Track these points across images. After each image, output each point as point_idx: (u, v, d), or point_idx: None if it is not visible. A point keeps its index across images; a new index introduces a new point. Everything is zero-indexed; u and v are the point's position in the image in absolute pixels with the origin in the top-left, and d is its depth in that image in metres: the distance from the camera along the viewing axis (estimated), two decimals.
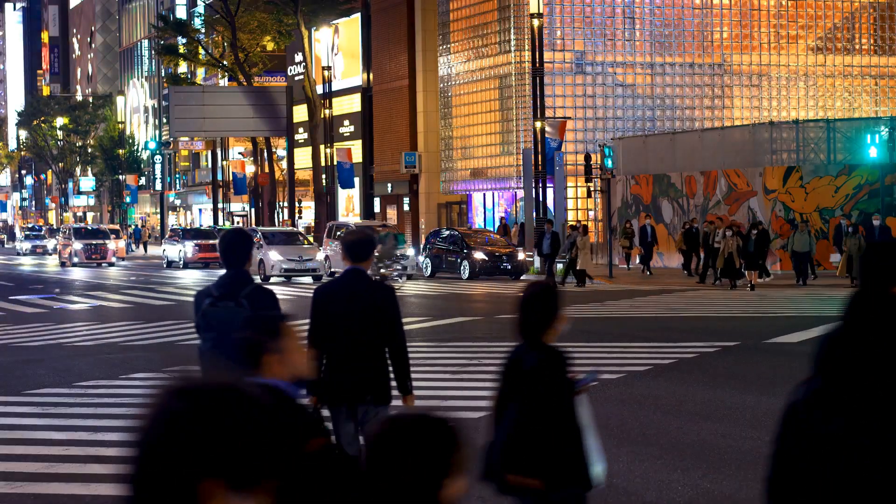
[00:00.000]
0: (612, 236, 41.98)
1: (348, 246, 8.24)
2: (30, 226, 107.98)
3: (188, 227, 67.46)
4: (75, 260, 56.09)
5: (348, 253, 8.21)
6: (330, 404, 8.28)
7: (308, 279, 41.09)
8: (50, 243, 73.36)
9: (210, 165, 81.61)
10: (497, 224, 52.40)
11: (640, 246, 41.79)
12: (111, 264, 56.41)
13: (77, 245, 56.29)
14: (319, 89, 57.74)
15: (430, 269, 41.70)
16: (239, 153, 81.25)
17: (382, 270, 35.43)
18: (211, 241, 52.22)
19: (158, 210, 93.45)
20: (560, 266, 37.29)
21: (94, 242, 57.00)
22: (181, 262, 51.76)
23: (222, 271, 8.20)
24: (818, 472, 3.43)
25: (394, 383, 8.27)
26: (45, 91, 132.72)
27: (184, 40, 70.39)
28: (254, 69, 65.48)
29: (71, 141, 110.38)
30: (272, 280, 40.26)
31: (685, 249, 38.35)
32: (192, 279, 42.73)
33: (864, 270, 4.83)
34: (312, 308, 8.27)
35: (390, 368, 8.27)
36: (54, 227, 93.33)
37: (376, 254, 9.99)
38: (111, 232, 61.96)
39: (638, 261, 42.05)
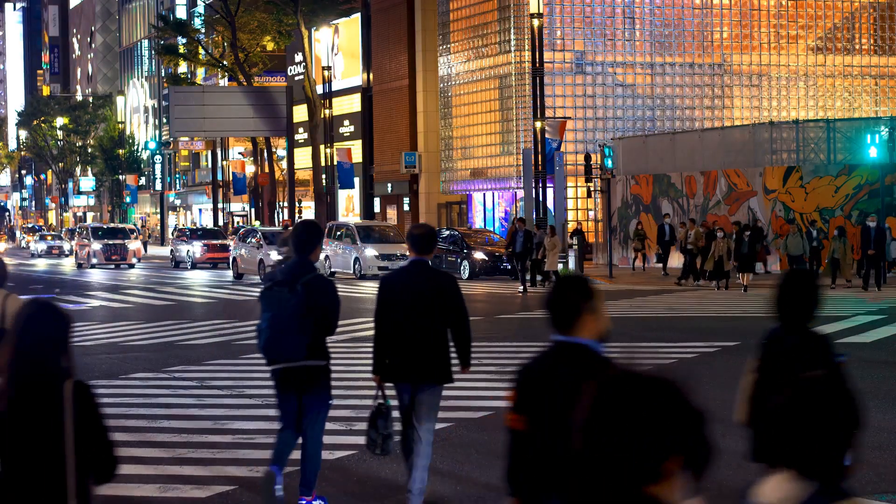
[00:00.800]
0: (612, 236, 41.96)
1: (414, 239, 9.01)
2: (30, 225, 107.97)
3: (196, 227, 67.36)
4: (94, 261, 53.25)
5: (413, 245, 8.98)
6: (395, 382, 8.98)
7: None
8: (67, 244, 70.68)
9: (210, 165, 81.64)
10: (498, 224, 52.44)
11: (658, 244, 40.88)
12: (131, 266, 53.68)
13: (96, 245, 53.25)
14: (319, 89, 57.74)
15: None
16: (239, 153, 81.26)
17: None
18: (219, 242, 52.03)
19: (158, 210, 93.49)
20: (561, 266, 37.23)
21: (113, 243, 53.90)
22: (189, 263, 51.51)
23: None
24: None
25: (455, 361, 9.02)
26: (45, 91, 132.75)
27: (184, 40, 70.40)
28: (254, 69, 65.49)
29: (71, 141, 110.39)
30: None
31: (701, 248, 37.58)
32: (199, 280, 42.74)
33: (781, 305, 5.19)
34: (379, 294, 9.01)
35: (450, 350, 8.98)
36: (72, 226, 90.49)
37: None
38: (129, 231, 59.03)
39: (655, 260, 41.47)
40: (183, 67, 77.51)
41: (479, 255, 40.17)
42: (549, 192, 42.86)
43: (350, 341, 21.04)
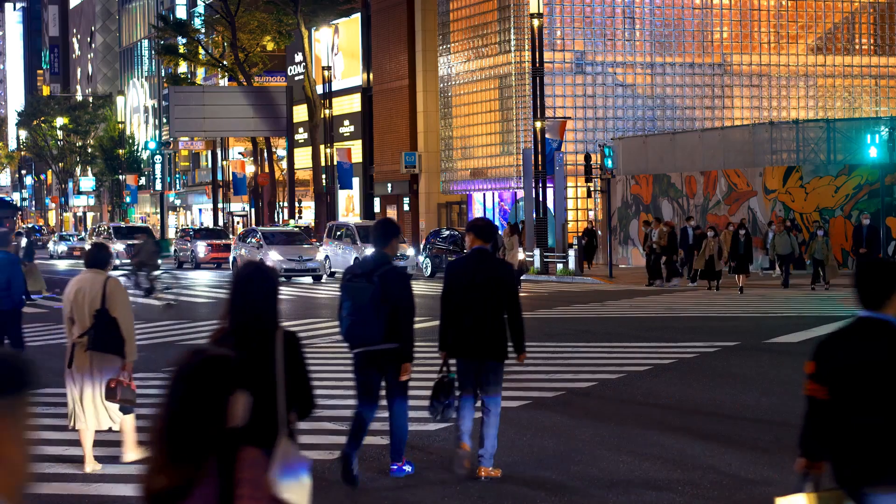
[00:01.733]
0: (612, 236, 41.94)
1: (476, 229, 10.20)
2: (30, 225, 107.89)
3: (199, 227, 67.19)
4: (117, 262, 50.55)
5: (476, 235, 10.15)
6: (459, 358, 10.08)
7: (308, 279, 41.08)
8: (88, 245, 69.91)
9: (210, 165, 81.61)
10: (498, 224, 52.44)
11: (680, 248, 37.20)
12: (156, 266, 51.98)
13: (119, 246, 50.33)
14: (319, 89, 57.74)
15: (430, 269, 41.70)
16: (239, 153, 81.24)
17: (143, 284, 32.30)
18: (223, 241, 51.88)
19: (158, 210, 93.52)
20: (561, 266, 37.23)
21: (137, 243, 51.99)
22: (193, 262, 51.37)
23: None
24: None
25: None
26: (45, 91, 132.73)
27: (184, 40, 70.39)
28: (254, 69, 65.48)
29: (71, 141, 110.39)
30: None
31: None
32: (202, 279, 42.72)
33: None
34: (445, 279, 10.26)
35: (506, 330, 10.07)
36: (95, 226, 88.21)
37: (132, 264, 10.72)
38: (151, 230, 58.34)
39: (679, 265, 38.01)
40: (183, 67, 77.50)
41: None
42: (549, 192, 42.86)
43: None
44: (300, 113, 64.37)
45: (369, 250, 41.05)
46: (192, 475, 3.04)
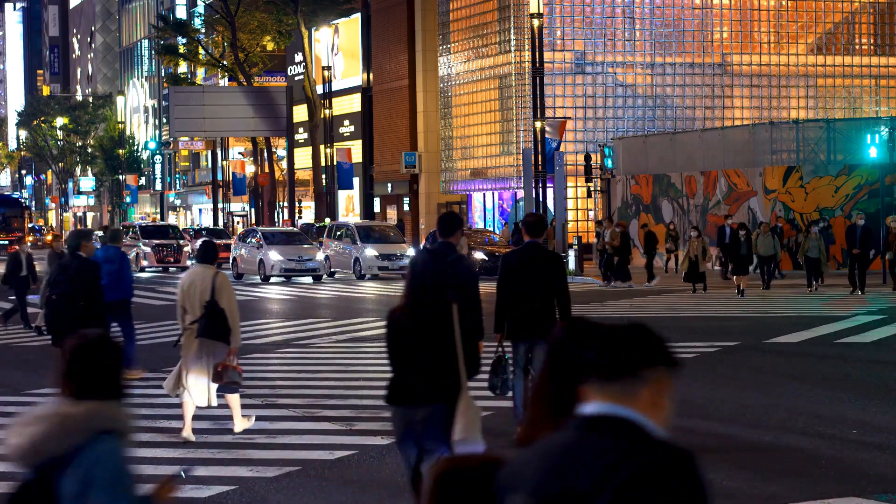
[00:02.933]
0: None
1: (529, 225, 11.54)
2: (30, 225, 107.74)
3: (199, 227, 67.06)
4: (144, 263, 47.70)
5: (528, 230, 11.44)
6: (513, 340, 11.42)
7: (308, 279, 41.08)
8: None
9: (210, 165, 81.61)
10: (498, 224, 52.44)
11: (718, 247, 35.58)
12: (184, 268, 47.79)
13: (146, 247, 48.06)
14: (319, 89, 57.74)
15: None
16: (239, 153, 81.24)
17: None
18: (224, 241, 51.66)
19: (158, 210, 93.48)
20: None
21: (166, 243, 48.93)
22: (193, 262, 50.93)
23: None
24: None
25: None
26: (45, 91, 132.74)
27: (184, 40, 70.39)
28: (254, 69, 65.48)
29: (71, 141, 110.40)
30: (272, 280, 40.23)
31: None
32: None
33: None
34: (501, 269, 11.55)
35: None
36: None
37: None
38: (179, 229, 54.07)
39: (718, 265, 37.22)
40: (183, 67, 77.50)
41: (479, 255, 40.14)
42: (550, 192, 42.87)
43: (350, 341, 21.05)
44: (300, 113, 64.38)
45: (370, 251, 40.78)
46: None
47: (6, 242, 57.19)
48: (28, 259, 24.95)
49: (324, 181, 57.77)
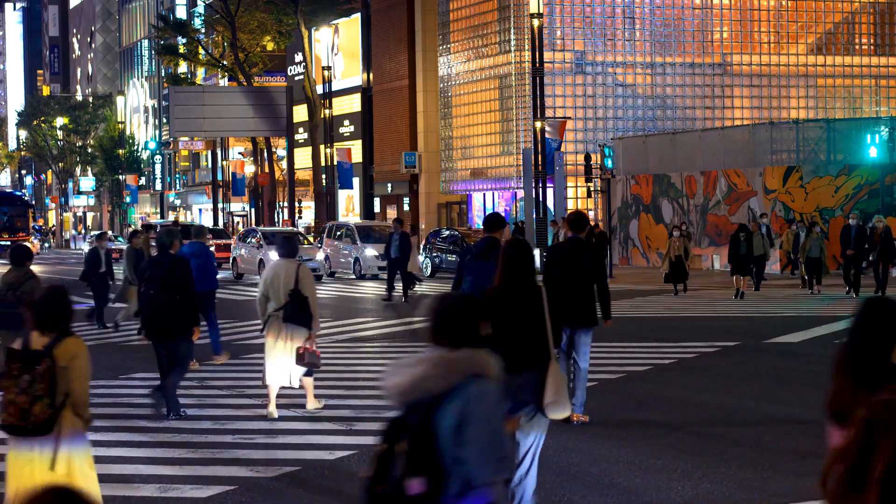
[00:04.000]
0: (612, 236, 41.92)
1: (571, 222, 12.75)
2: (33, 226, 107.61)
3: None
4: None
5: (571, 226, 12.69)
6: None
7: None
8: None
9: (210, 165, 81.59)
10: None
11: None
12: (242, 275, 43.22)
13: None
14: (319, 89, 57.73)
15: (430, 269, 41.69)
16: (239, 153, 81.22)
17: None
18: (224, 241, 51.46)
19: (158, 210, 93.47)
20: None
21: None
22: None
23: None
24: None
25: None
26: (45, 91, 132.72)
27: (184, 40, 70.38)
28: (254, 69, 65.47)
29: (71, 141, 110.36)
30: None
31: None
32: None
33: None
34: (547, 261, 12.62)
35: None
36: (138, 224, 76.50)
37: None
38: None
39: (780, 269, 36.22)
40: (183, 67, 77.47)
41: None
42: (550, 192, 42.86)
43: (350, 341, 21.04)
44: (300, 113, 64.36)
45: (369, 250, 40.61)
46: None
47: (7, 244, 51.37)
48: (107, 256, 24.65)
49: (324, 181, 57.76)
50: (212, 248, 24.50)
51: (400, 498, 4.79)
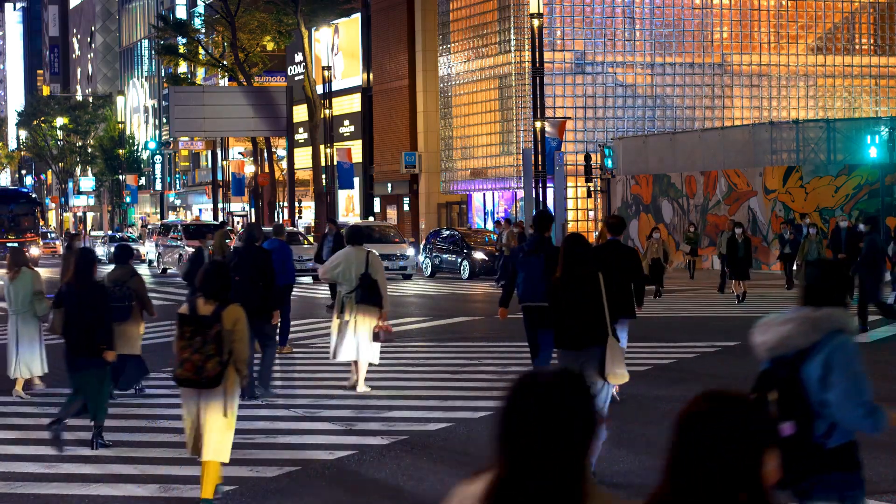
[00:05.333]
0: None
1: (610, 225, 14.10)
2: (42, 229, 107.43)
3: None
4: (188, 266, 40.75)
5: (610, 229, 13.99)
6: None
7: (308, 279, 41.07)
8: (145, 247, 59.06)
9: (210, 165, 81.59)
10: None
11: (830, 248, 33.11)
12: None
13: (190, 248, 43.05)
14: (319, 89, 57.72)
15: (430, 269, 41.69)
16: (239, 153, 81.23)
17: None
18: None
19: (158, 210, 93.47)
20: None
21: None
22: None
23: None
24: None
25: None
26: (45, 91, 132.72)
27: (184, 40, 70.37)
28: (254, 69, 65.45)
29: (71, 141, 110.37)
30: None
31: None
32: None
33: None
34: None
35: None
36: (148, 224, 73.40)
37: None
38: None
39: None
40: (183, 67, 77.45)
41: (478, 255, 40.15)
42: (550, 192, 42.86)
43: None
44: (300, 113, 64.36)
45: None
46: None
47: (15, 245, 44.61)
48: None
49: (324, 181, 57.76)
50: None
51: None
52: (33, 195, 72.03)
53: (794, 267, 30.62)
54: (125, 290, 13.94)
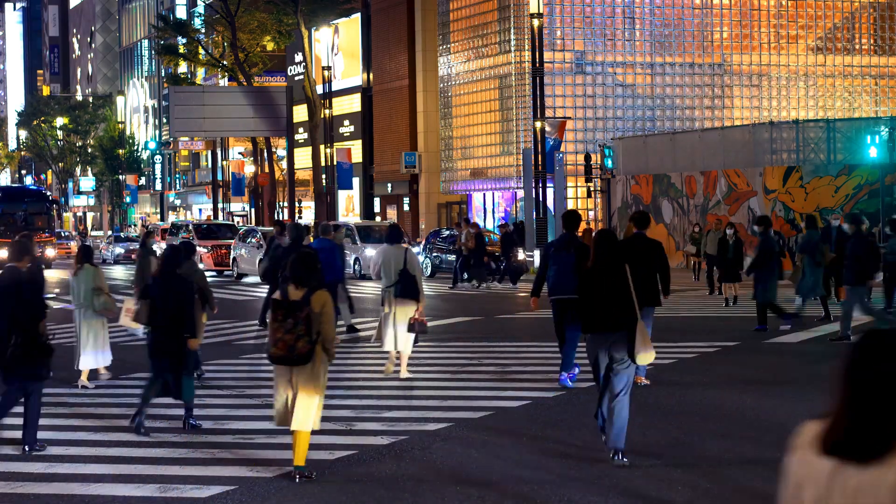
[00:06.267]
0: None
1: (635, 220, 15.36)
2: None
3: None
4: (200, 266, 39.14)
5: (636, 224, 15.22)
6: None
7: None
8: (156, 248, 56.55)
9: (210, 165, 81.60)
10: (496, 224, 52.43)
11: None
12: (243, 275, 42.48)
13: (200, 248, 42.01)
14: (319, 89, 57.74)
15: (430, 269, 41.69)
16: (239, 153, 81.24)
17: None
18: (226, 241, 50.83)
19: (158, 210, 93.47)
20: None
21: (223, 244, 44.57)
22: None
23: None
24: None
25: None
26: (45, 91, 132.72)
27: (184, 40, 70.39)
28: (254, 69, 65.48)
29: (71, 141, 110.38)
30: None
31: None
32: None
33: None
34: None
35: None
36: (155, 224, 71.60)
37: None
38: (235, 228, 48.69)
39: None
40: (183, 67, 77.48)
41: None
42: (550, 192, 42.86)
43: (350, 341, 21.03)
44: (300, 113, 64.37)
45: (369, 250, 40.72)
46: None
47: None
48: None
49: (324, 181, 57.77)
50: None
51: None
52: (48, 193, 69.13)
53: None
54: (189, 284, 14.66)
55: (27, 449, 11.35)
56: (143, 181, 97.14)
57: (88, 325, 15.74)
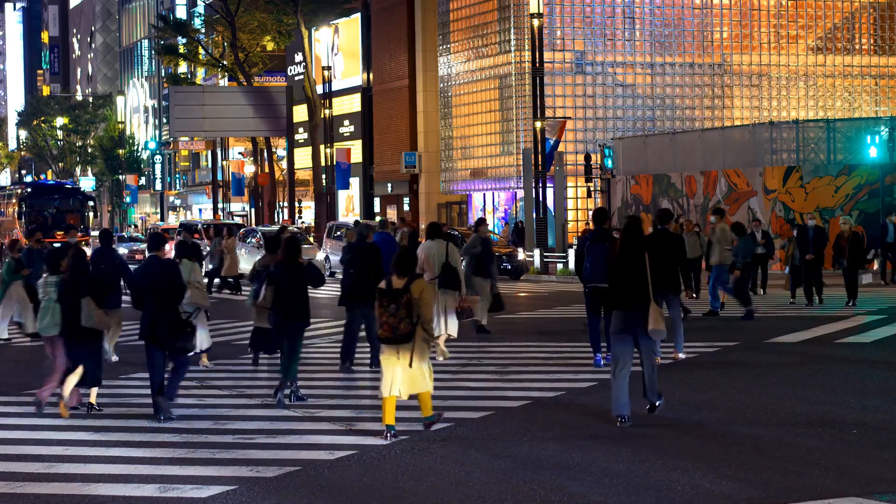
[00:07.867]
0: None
1: (658, 217, 17.72)
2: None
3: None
4: (209, 268, 35.14)
5: (659, 220, 17.50)
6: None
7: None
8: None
9: (210, 165, 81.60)
10: (497, 224, 52.43)
11: (879, 250, 32.51)
12: (242, 275, 40.32)
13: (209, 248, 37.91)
14: (319, 89, 57.73)
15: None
16: (239, 153, 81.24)
17: None
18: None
19: (158, 210, 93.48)
20: (561, 266, 36.87)
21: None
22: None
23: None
24: None
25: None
26: (45, 91, 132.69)
27: (184, 40, 70.39)
28: (254, 69, 65.48)
29: (71, 141, 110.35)
30: None
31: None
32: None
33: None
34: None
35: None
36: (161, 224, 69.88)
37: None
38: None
39: (876, 267, 33.27)
40: (183, 67, 77.49)
41: None
42: (550, 191, 42.86)
43: None
44: (300, 113, 64.36)
45: None
46: None
47: (59, 244, 36.30)
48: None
49: (324, 181, 57.76)
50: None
51: None
52: (83, 189, 66.06)
53: (787, 270, 29.55)
54: (267, 274, 15.40)
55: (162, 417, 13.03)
56: (143, 181, 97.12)
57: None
